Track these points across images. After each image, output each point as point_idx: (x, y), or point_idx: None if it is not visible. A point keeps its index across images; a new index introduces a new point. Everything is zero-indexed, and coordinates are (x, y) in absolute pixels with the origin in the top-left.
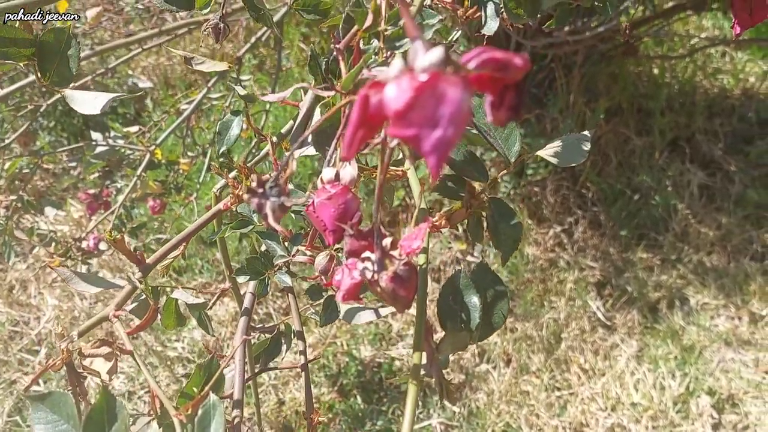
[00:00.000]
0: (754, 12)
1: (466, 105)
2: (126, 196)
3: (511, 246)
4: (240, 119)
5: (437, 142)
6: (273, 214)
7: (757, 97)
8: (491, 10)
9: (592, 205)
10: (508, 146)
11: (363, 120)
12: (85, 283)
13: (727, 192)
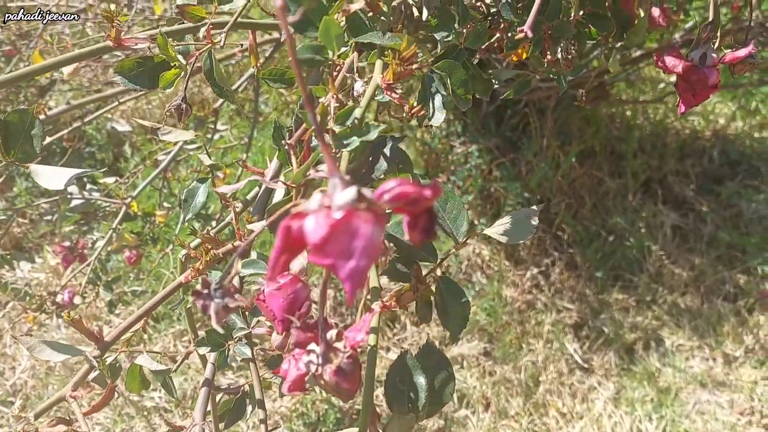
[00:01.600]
0: (697, 93)
1: (377, 239)
2: (101, 249)
3: (460, 325)
4: (206, 186)
5: (352, 271)
6: (216, 315)
7: (727, 138)
8: (438, 102)
9: (568, 246)
10: (456, 226)
11: (286, 247)
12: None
13: (700, 232)
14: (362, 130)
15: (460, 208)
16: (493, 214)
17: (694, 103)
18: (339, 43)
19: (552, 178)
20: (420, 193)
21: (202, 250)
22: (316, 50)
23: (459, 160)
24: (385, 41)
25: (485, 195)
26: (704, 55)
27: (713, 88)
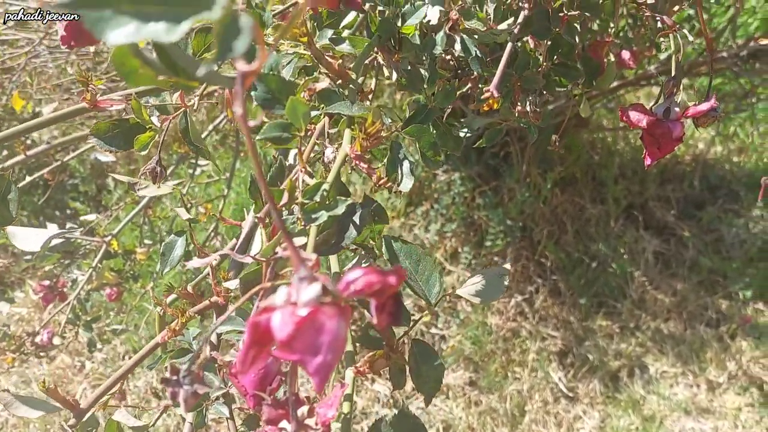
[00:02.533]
0: (662, 146)
1: (343, 333)
2: (81, 288)
3: (433, 387)
4: (184, 240)
5: (319, 366)
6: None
7: (707, 163)
8: (407, 168)
9: (551, 273)
10: (428, 288)
11: (254, 342)
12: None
13: (682, 257)
14: (330, 204)
15: (432, 269)
16: (476, 242)
17: (660, 155)
18: (306, 120)
19: (534, 205)
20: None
21: (178, 310)
22: (283, 128)
23: (442, 188)
24: (353, 112)
25: (468, 222)
26: (668, 109)
27: (677, 140)
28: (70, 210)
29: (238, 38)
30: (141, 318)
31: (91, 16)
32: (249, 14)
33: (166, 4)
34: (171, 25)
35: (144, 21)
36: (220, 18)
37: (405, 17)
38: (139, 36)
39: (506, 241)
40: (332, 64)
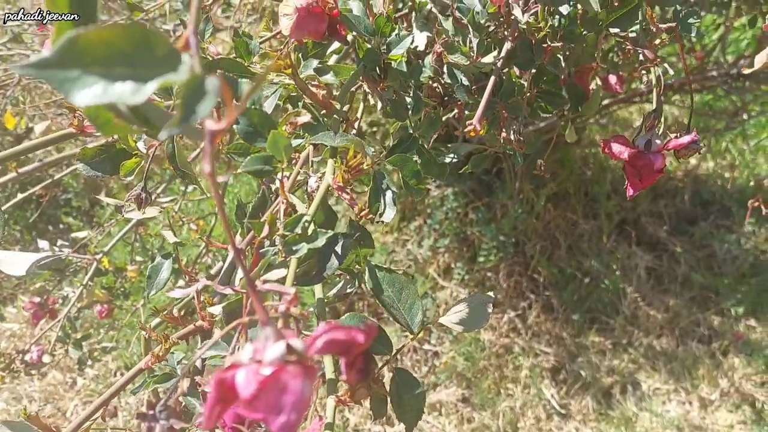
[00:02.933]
0: (644, 178)
1: (307, 393)
2: (71, 306)
3: (415, 416)
4: (170, 263)
5: (282, 426)
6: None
7: (699, 179)
8: (389, 198)
9: (544, 289)
10: (411, 317)
11: (220, 398)
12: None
13: (674, 273)
14: (311, 236)
15: (414, 297)
16: (469, 257)
17: (642, 186)
18: (287, 153)
19: (527, 221)
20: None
21: (161, 336)
22: (265, 161)
23: (435, 203)
24: (336, 142)
25: (461, 238)
26: (649, 141)
27: (659, 172)
28: (63, 225)
29: (203, 102)
30: (132, 334)
31: (59, 76)
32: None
33: (133, 66)
34: (137, 86)
35: (111, 81)
36: (186, 81)
37: (390, 47)
38: (106, 97)
39: (499, 256)
40: (316, 94)
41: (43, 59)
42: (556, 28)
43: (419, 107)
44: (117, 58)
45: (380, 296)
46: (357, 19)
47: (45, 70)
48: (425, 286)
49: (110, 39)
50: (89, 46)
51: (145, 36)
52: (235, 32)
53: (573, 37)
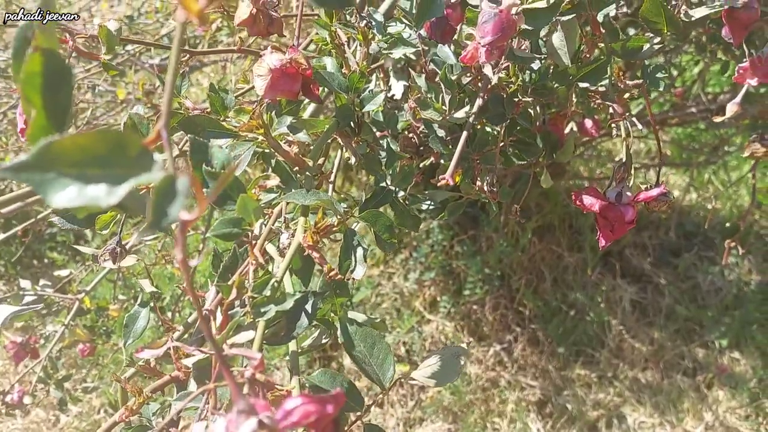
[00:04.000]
0: (615, 230)
1: None
2: (52, 347)
3: None
4: (147, 311)
5: None
6: None
7: (682, 210)
8: (360, 255)
9: (529, 322)
10: (383, 372)
11: None
12: None
13: (658, 305)
14: (279, 298)
15: (386, 352)
16: (455, 290)
17: (613, 238)
18: (257, 215)
19: (512, 254)
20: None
21: (135, 389)
22: (234, 223)
23: (420, 236)
24: (307, 201)
25: (447, 271)
26: (620, 193)
27: (630, 224)
28: (48, 260)
29: (174, 203)
30: (116, 370)
31: (36, 178)
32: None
33: (107, 167)
34: (111, 188)
35: (85, 183)
36: (157, 184)
37: (364, 102)
38: (81, 200)
39: (485, 289)
40: (289, 152)
41: (21, 163)
42: (527, 83)
43: (392, 161)
44: (91, 160)
45: (351, 352)
46: (331, 75)
47: (22, 173)
48: (411, 320)
49: (84, 144)
50: (64, 151)
51: (118, 139)
52: (211, 87)
53: (544, 91)
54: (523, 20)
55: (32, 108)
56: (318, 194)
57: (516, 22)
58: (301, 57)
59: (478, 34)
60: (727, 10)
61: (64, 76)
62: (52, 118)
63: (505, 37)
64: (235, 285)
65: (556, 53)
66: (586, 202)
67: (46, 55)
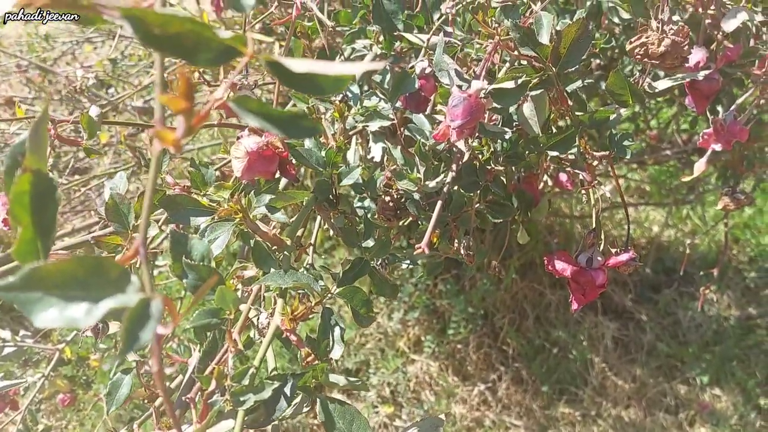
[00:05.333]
0: (587, 293)
1: None
2: (32, 399)
3: None
4: (130, 378)
5: None
6: None
7: (662, 246)
8: (338, 335)
9: (513, 360)
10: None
11: None
12: None
13: (640, 342)
14: (257, 387)
15: (365, 428)
16: (439, 330)
17: (585, 301)
18: (235, 305)
19: (495, 293)
20: None
21: None
22: (213, 313)
23: (404, 275)
24: (285, 283)
25: (431, 310)
26: (590, 258)
27: (601, 287)
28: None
29: (146, 327)
30: (99, 417)
31: (22, 297)
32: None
33: (87, 289)
34: (91, 307)
35: (68, 302)
36: (133, 306)
37: (341, 177)
38: (62, 320)
39: (468, 328)
40: (267, 233)
41: (9, 284)
42: (499, 152)
43: (370, 232)
44: (73, 282)
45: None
46: (308, 152)
47: (10, 293)
48: (396, 360)
49: (67, 268)
50: (48, 274)
51: (97, 263)
52: (192, 163)
53: (516, 160)
54: (492, 101)
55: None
56: (295, 275)
57: (484, 104)
58: (277, 140)
59: (448, 117)
60: (689, 82)
61: (50, 195)
62: (38, 233)
63: (474, 119)
64: (214, 377)
65: (527, 123)
66: (558, 267)
67: (35, 176)
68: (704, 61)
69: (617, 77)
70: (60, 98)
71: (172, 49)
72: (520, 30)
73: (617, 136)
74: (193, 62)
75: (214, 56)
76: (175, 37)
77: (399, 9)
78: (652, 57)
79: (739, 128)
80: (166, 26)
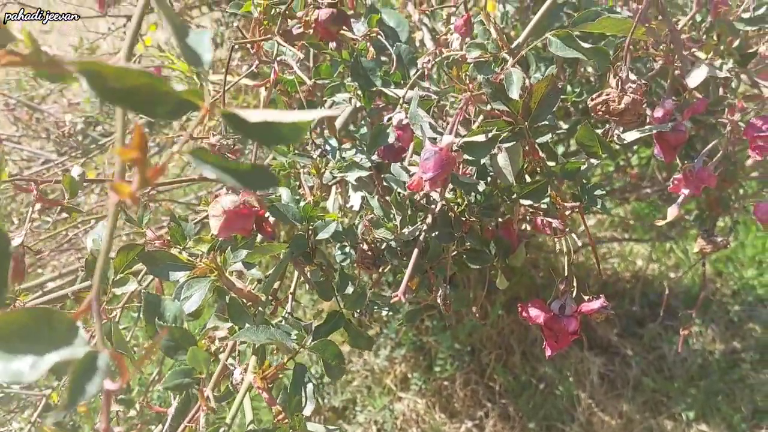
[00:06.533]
0: (559, 340)
1: None
2: None
3: None
4: None
5: None
6: None
7: (646, 279)
8: (310, 391)
9: (500, 397)
10: None
11: None
12: None
13: (626, 377)
14: None
15: None
16: (426, 366)
17: (558, 347)
18: (206, 365)
19: (481, 328)
20: None
21: None
22: (186, 374)
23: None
24: (259, 339)
25: (418, 346)
26: (563, 306)
27: (573, 334)
28: None
29: (92, 380)
30: None
31: None
32: None
33: (34, 341)
34: (36, 360)
35: (12, 354)
36: (79, 359)
37: (317, 231)
38: (5, 374)
39: (455, 365)
40: (242, 290)
41: None
42: (473, 204)
43: (345, 285)
44: (19, 334)
45: None
46: (285, 207)
47: None
48: (383, 398)
49: (14, 319)
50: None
51: (47, 315)
52: (172, 217)
53: (490, 211)
54: (463, 154)
55: None
56: (269, 332)
57: (455, 158)
58: (254, 198)
59: (420, 170)
60: (657, 133)
61: (3, 251)
62: None
63: (445, 172)
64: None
65: (502, 172)
66: (532, 314)
67: None
68: (671, 112)
69: (586, 130)
70: (47, 137)
71: (128, 103)
72: (491, 85)
73: (588, 186)
74: (151, 116)
75: (170, 110)
76: (131, 91)
77: (376, 66)
78: (612, 114)
79: (708, 174)
80: (122, 80)
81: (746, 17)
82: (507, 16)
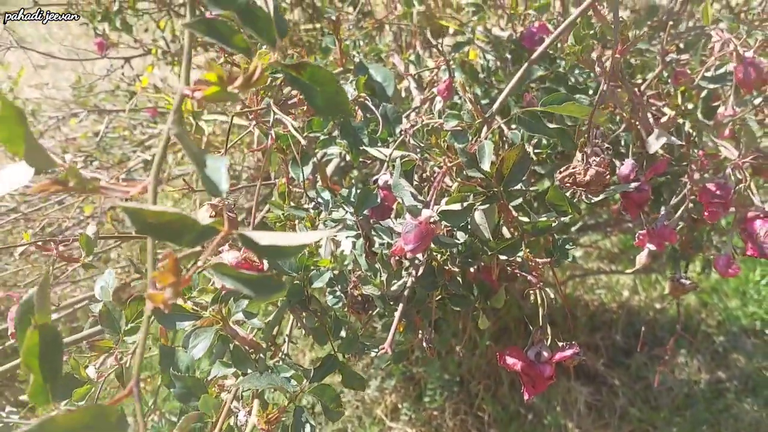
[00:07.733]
0: (536, 385)
1: None
2: None
3: None
4: None
5: None
6: None
7: (632, 310)
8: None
9: (489, 427)
10: None
11: None
12: None
13: (613, 406)
14: None
15: None
16: (416, 397)
17: (535, 392)
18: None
19: (470, 358)
20: None
21: None
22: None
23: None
24: (261, 385)
25: (407, 377)
26: (539, 353)
27: (549, 379)
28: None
29: None
30: None
31: None
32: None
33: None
34: None
35: None
36: None
37: (312, 280)
38: None
39: (444, 395)
40: (245, 338)
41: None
42: (455, 255)
43: (339, 330)
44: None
45: None
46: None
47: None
48: (373, 428)
49: (75, 417)
50: (59, 423)
51: (100, 411)
52: None
53: (471, 261)
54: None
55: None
56: (270, 378)
57: (434, 229)
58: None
59: (401, 241)
60: (622, 193)
61: (56, 345)
62: (47, 378)
63: (425, 243)
64: None
65: (479, 228)
66: (509, 362)
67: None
68: (634, 173)
69: (556, 192)
70: None
71: (162, 234)
72: (466, 155)
73: (560, 242)
74: (179, 243)
75: (195, 237)
76: (165, 225)
77: (364, 125)
78: (579, 185)
79: (669, 232)
80: (159, 218)
81: (708, 75)
82: (488, 65)
